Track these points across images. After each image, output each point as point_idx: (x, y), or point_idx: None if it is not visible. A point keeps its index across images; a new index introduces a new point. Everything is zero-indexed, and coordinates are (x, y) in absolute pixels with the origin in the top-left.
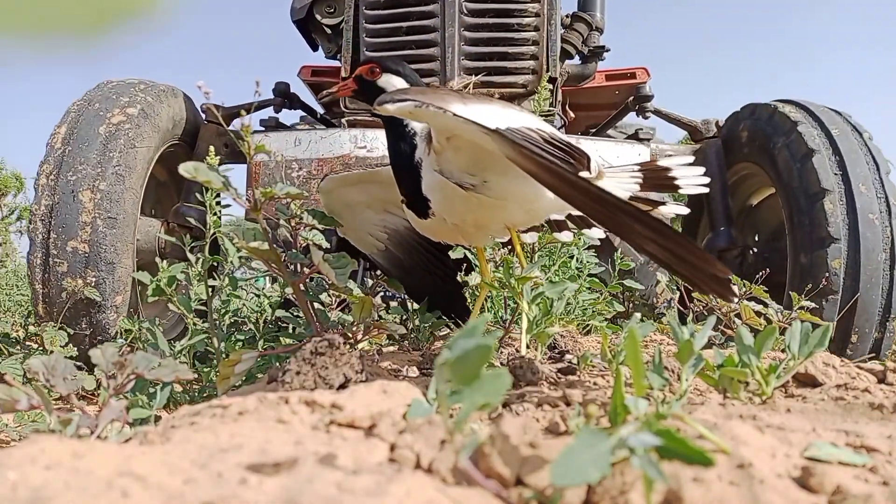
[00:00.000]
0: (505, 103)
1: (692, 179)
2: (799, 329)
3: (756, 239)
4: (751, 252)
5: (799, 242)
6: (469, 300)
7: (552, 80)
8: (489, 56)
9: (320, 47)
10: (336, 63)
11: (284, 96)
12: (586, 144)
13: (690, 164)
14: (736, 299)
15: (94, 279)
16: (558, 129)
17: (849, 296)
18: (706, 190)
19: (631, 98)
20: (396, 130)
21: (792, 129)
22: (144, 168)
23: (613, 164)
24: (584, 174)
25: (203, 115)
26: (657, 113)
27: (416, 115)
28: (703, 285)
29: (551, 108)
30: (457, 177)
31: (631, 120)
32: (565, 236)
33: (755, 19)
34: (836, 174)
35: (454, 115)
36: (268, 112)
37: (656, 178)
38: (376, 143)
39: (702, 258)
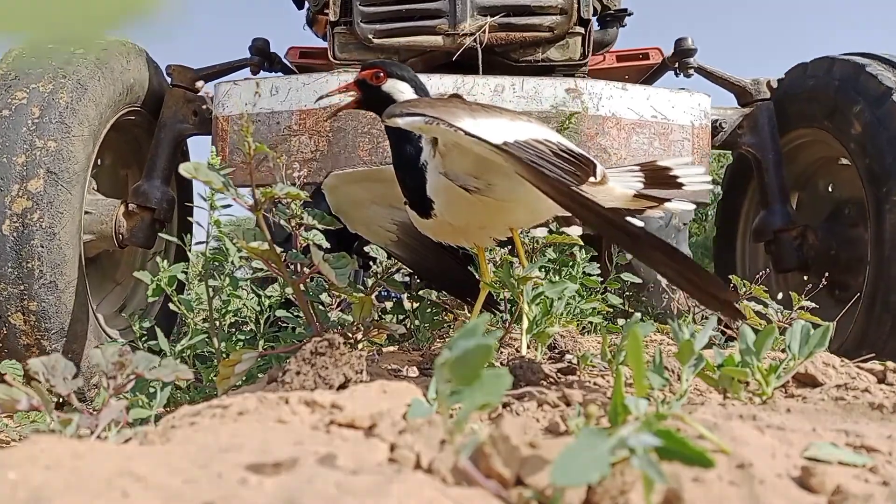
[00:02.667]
0: (514, 114)
1: (696, 178)
2: (799, 329)
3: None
4: (813, 235)
5: (887, 270)
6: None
7: (584, 23)
8: None
9: (306, 2)
10: (323, 44)
11: (263, 55)
12: (636, 92)
13: (689, 164)
14: (741, 321)
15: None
16: (588, 82)
17: None
18: (711, 186)
19: (670, 53)
20: (402, 134)
21: None
22: (76, 249)
23: (668, 115)
24: (591, 180)
25: (168, 79)
26: (701, 71)
27: (425, 130)
28: (710, 307)
29: (582, 60)
30: (462, 179)
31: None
32: (574, 230)
33: None
34: None
35: (465, 133)
36: (244, 74)
37: (659, 177)
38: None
39: (708, 281)
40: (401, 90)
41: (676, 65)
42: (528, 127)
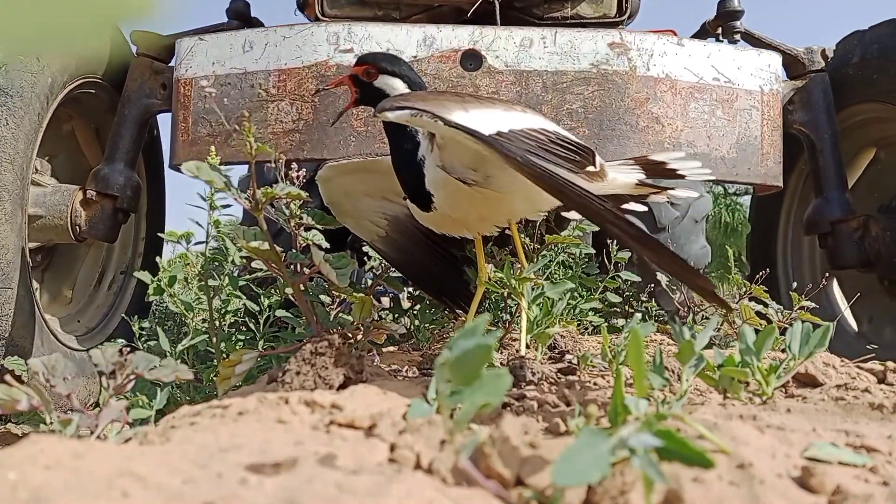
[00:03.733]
0: (509, 104)
1: (695, 169)
2: (799, 329)
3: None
4: (877, 226)
5: None
6: (471, 285)
7: None
8: None
9: None
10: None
11: (242, 20)
12: (694, 49)
13: (684, 158)
14: (730, 308)
15: None
16: (636, 36)
17: None
18: (711, 176)
19: (713, 17)
20: (399, 129)
21: None
22: (36, 334)
23: (733, 78)
24: (589, 169)
25: (133, 47)
26: (747, 37)
27: (413, 122)
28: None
29: (619, 17)
30: (459, 172)
31: None
32: (574, 214)
33: None
34: None
35: (446, 125)
36: None
37: (657, 170)
38: (368, 44)
39: (689, 273)
40: (393, 86)
41: (719, 30)
42: (524, 117)
